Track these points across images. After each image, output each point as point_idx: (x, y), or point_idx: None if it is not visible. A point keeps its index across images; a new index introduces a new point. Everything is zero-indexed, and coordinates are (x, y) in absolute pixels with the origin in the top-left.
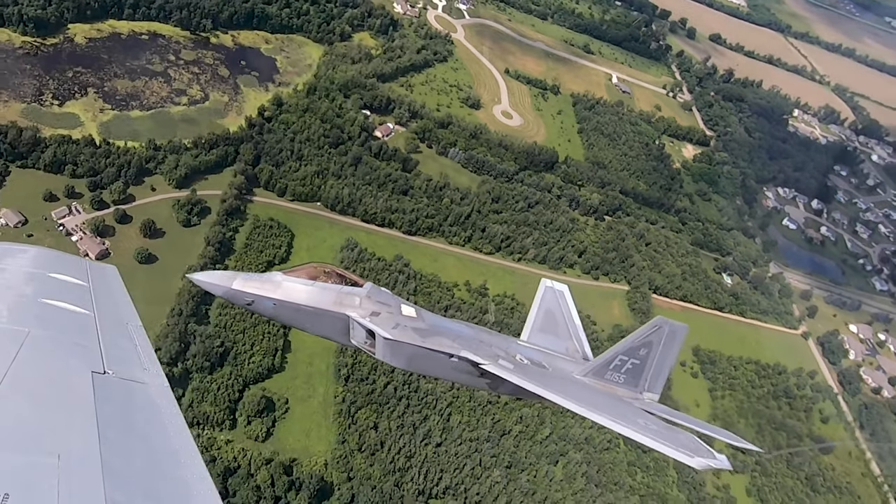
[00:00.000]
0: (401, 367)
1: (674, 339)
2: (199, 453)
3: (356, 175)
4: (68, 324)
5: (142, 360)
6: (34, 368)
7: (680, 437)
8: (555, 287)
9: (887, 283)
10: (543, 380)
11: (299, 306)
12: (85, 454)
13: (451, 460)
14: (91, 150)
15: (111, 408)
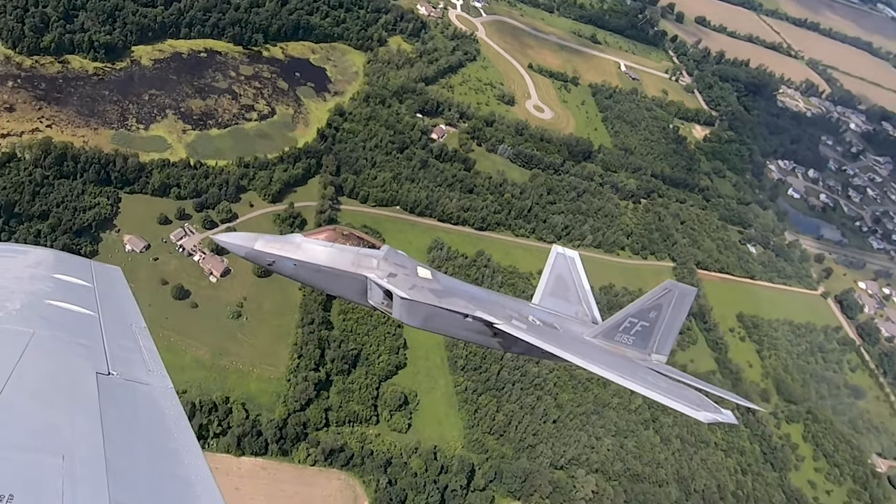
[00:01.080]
0: (416, 326)
1: (683, 301)
2: (203, 454)
3: (427, 178)
4: (73, 325)
5: (146, 361)
6: (38, 369)
7: (687, 393)
8: (566, 253)
9: (882, 242)
10: (555, 339)
11: (319, 267)
12: (89, 455)
13: (569, 433)
14: (191, 171)
15: (115, 409)
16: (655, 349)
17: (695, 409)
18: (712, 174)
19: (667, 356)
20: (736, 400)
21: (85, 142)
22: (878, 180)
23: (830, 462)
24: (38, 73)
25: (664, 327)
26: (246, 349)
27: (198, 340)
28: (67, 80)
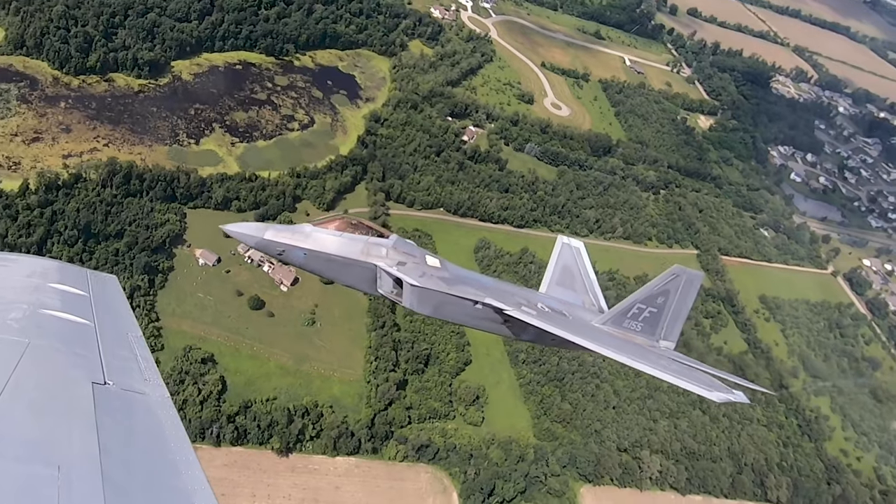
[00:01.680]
0: (426, 314)
1: (690, 287)
2: (200, 465)
3: (466, 179)
4: (68, 334)
5: (142, 370)
6: (34, 379)
7: (699, 375)
8: (571, 244)
9: (880, 220)
10: (565, 324)
11: (328, 256)
12: (85, 465)
13: (629, 417)
14: (248, 184)
15: (111, 419)
16: (664, 335)
17: (707, 390)
18: (721, 163)
19: (675, 343)
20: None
21: (143, 159)
22: (870, 161)
23: (858, 431)
24: (86, 93)
25: (672, 313)
26: (324, 354)
27: (279, 348)
28: (115, 99)
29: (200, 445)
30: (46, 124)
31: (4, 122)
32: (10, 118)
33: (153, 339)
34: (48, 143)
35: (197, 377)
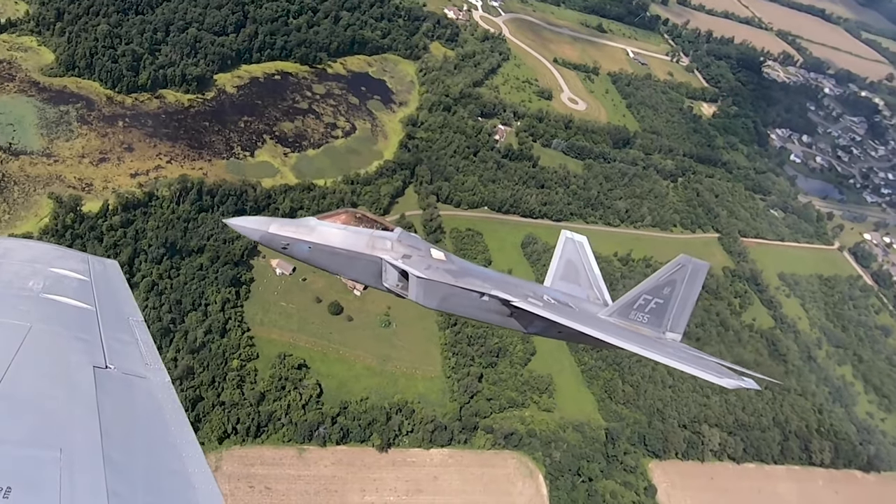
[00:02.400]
0: (433, 307)
1: (696, 277)
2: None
3: (505, 177)
4: (70, 319)
5: (143, 355)
6: (36, 363)
7: (708, 363)
8: (574, 238)
9: (874, 195)
10: (572, 315)
11: (333, 249)
12: (87, 448)
13: (685, 395)
14: (309, 193)
15: (113, 402)
16: (670, 327)
17: (718, 377)
18: (728, 148)
19: (681, 334)
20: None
21: (204, 174)
22: (858, 139)
23: (879, 394)
24: (140, 111)
25: (678, 303)
26: (404, 353)
27: (362, 350)
28: (168, 115)
29: (308, 447)
30: (109, 144)
31: (71, 145)
32: (75, 140)
33: (248, 348)
34: (114, 162)
35: (296, 382)
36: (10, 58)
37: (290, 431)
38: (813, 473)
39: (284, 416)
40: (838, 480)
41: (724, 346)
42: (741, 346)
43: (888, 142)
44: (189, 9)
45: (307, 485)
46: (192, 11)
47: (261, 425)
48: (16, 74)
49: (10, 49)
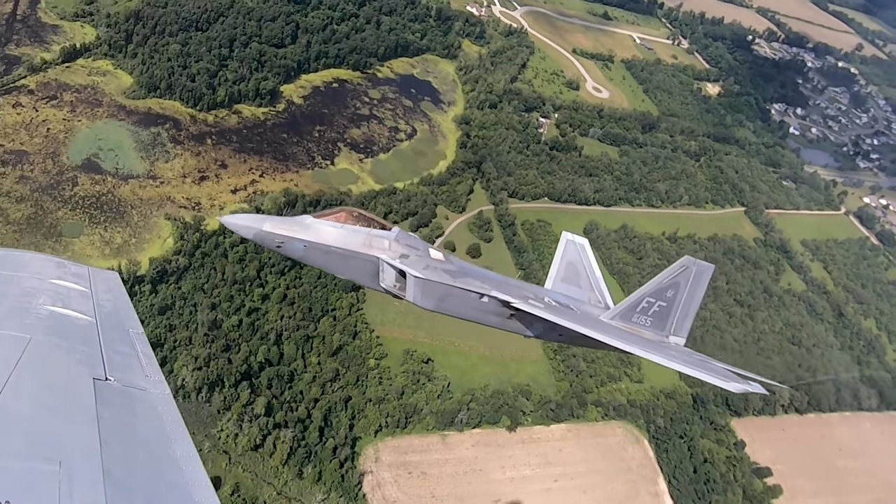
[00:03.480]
0: (430, 308)
1: (700, 279)
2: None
3: (558, 168)
4: (70, 330)
5: (144, 367)
6: (36, 375)
7: (713, 366)
8: (575, 240)
9: (865, 161)
10: (573, 317)
11: (329, 248)
12: (86, 461)
13: (750, 358)
14: (395, 197)
15: (113, 414)
16: (673, 330)
17: (724, 381)
18: (737, 126)
19: (685, 338)
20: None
21: (296, 185)
22: (843, 108)
23: None
24: (223, 127)
25: (682, 306)
26: (508, 341)
27: (474, 341)
28: (249, 130)
29: (449, 432)
30: (205, 162)
31: (170, 165)
32: (173, 160)
33: (378, 347)
34: (213, 180)
35: (428, 375)
36: (91, 83)
37: (432, 420)
38: (861, 418)
39: (425, 406)
40: (884, 422)
41: (773, 311)
42: (786, 309)
43: (869, 109)
44: (245, 23)
45: (455, 467)
46: (249, 25)
47: (407, 417)
48: (102, 99)
49: (89, 74)
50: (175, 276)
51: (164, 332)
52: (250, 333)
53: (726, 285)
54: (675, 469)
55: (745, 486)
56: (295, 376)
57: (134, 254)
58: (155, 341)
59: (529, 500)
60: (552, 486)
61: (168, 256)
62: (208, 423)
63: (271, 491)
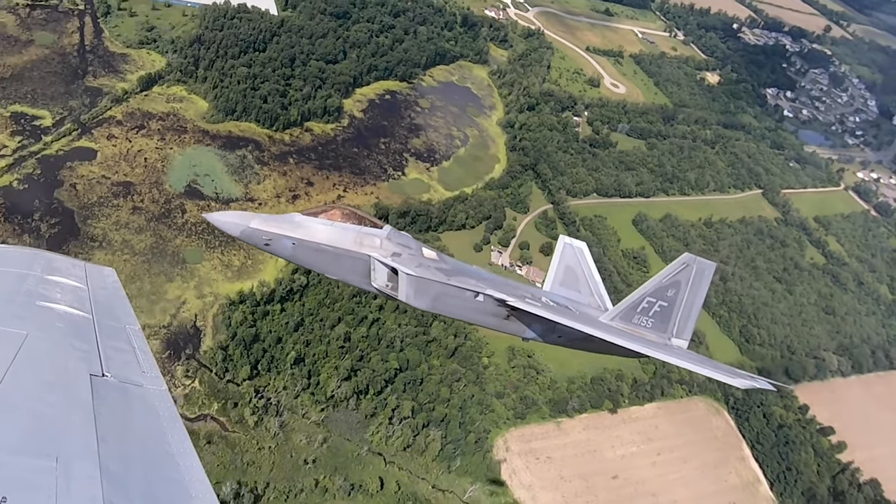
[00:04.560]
0: (424, 307)
1: (702, 277)
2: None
3: (601, 164)
4: (66, 327)
5: (140, 363)
6: (32, 371)
7: (719, 365)
8: (573, 244)
9: (852, 138)
10: (572, 316)
11: (319, 246)
12: (83, 457)
13: (799, 330)
14: (468, 203)
15: (109, 411)
16: (675, 332)
17: (731, 377)
18: (739, 112)
19: (688, 340)
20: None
21: (377, 198)
22: (824, 89)
23: None
24: (299, 145)
25: (684, 306)
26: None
27: None
28: (323, 146)
29: (561, 419)
30: (293, 181)
31: (263, 187)
32: (264, 181)
33: (486, 346)
34: (304, 198)
35: (536, 368)
36: (171, 109)
37: (546, 409)
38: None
39: (539, 397)
40: None
41: (806, 285)
42: (815, 281)
43: (847, 88)
44: (299, 41)
45: (572, 450)
46: (302, 43)
47: (525, 408)
48: (185, 125)
49: (167, 101)
50: (298, 293)
51: (302, 347)
52: (377, 343)
53: (765, 264)
54: (757, 435)
55: (815, 445)
56: (424, 379)
57: (253, 275)
58: (297, 357)
59: (641, 473)
60: (657, 460)
61: (288, 276)
62: (359, 428)
63: (426, 486)
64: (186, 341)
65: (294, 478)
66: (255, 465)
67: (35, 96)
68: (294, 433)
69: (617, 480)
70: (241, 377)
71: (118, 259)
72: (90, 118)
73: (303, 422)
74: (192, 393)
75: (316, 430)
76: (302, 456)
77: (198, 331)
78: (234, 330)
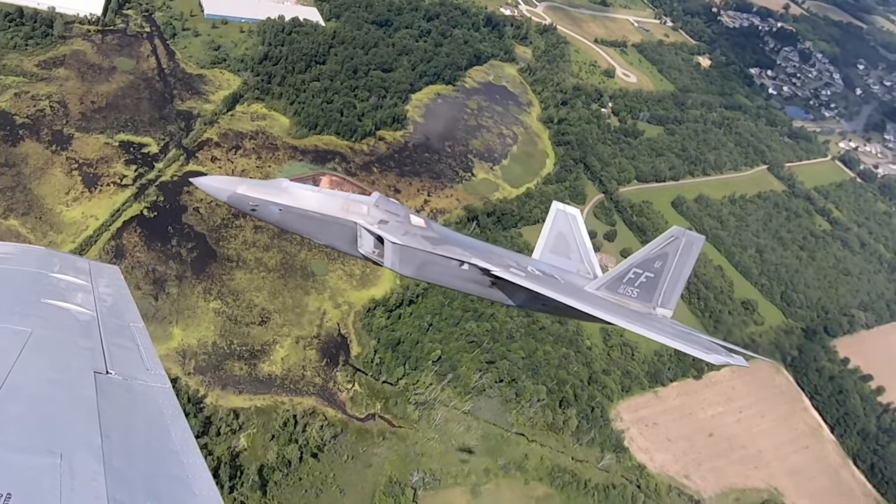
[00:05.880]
0: (408, 275)
1: (690, 250)
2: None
3: (636, 153)
4: (70, 324)
5: (144, 360)
6: (36, 369)
7: (696, 338)
8: (567, 210)
9: (828, 111)
10: (556, 287)
11: (305, 212)
12: (87, 454)
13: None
14: (535, 199)
15: (113, 408)
16: (661, 302)
17: (706, 353)
18: (733, 93)
19: (672, 310)
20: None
21: (457, 200)
22: (796, 66)
23: None
24: (378, 154)
25: (670, 278)
26: None
27: None
28: (397, 153)
29: (657, 388)
30: (382, 189)
31: None
32: None
33: (585, 330)
34: None
35: (631, 346)
36: (258, 128)
37: (645, 381)
38: None
39: (638, 370)
40: None
41: (825, 251)
42: (829, 246)
43: (814, 64)
44: (355, 52)
45: (671, 415)
46: (359, 54)
47: (629, 381)
48: (275, 142)
49: (252, 120)
50: (421, 296)
51: (437, 345)
52: (499, 335)
53: (787, 234)
54: (814, 387)
55: (859, 391)
56: (541, 364)
57: (374, 282)
58: (438, 357)
59: (730, 429)
60: (740, 416)
61: (408, 280)
62: (501, 412)
63: (566, 458)
64: (337, 348)
65: (459, 462)
66: (425, 454)
67: (135, 124)
68: (449, 423)
69: (713, 438)
70: (395, 377)
71: (257, 277)
72: (191, 142)
73: (453, 412)
74: (355, 396)
75: (467, 419)
76: (460, 442)
77: (343, 338)
78: (377, 335)
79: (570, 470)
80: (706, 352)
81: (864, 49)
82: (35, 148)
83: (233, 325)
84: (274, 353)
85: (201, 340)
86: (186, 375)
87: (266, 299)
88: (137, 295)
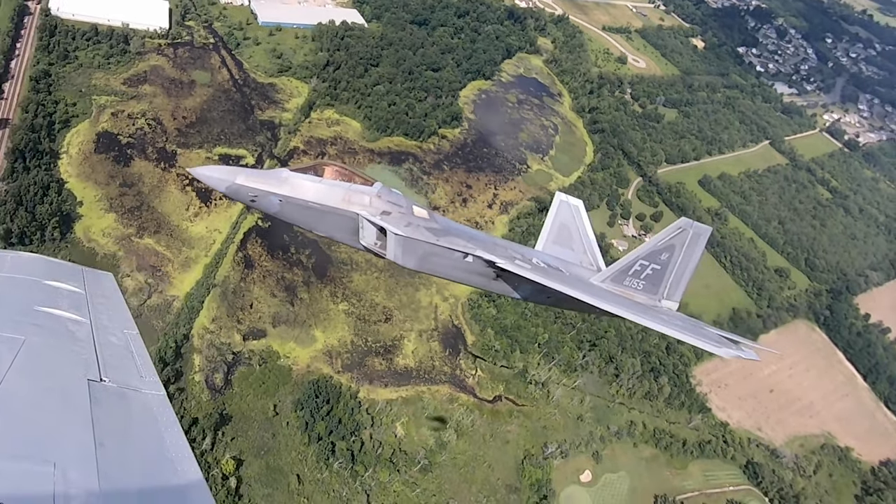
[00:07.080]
0: (412, 267)
1: (697, 242)
2: (196, 461)
3: (664, 137)
4: (64, 331)
5: (138, 367)
6: (30, 376)
7: (704, 331)
8: (570, 201)
9: (809, 84)
10: (561, 279)
11: (306, 203)
12: (81, 462)
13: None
14: (591, 187)
15: (107, 416)
16: (666, 294)
17: (716, 346)
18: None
19: (678, 303)
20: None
21: (521, 192)
22: (775, 42)
23: None
24: (444, 153)
25: (676, 270)
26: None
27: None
28: (459, 150)
29: None
30: (456, 186)
31: (438, 195)
32: (438, 190)
33: None
34: (471, 200)
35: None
36: (335, 133)
37: None
38: None
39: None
40: None
41: (833, 218)
42: (835, 213)
43: (790, 40)
44: (406, 53)
45: (735, 376)
46: (409, 55)
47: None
48: (353, 146)
49: (328, 126)
50: None
51: (541, 329)
52: (588, 316)
53: (800, 204)
54: (846, 342)
55: (882, 343)
56: (626, 339)
57: None
58: (545, 340)
59: (785, 385)
60: (791, 372)
61: None
62: (601, 385)
63: (662, 421)
64: (454, 339)
65: (578, 433)
66: (551, 428)
67: (227, 136)
68: (563, 399)
69: (774, 394)
70: (511, 361)
71: (371, 277)
72: (280, 151)
73: (563, 388)
74: (480, 381)
75: (576, 394)
76: (576, 415)
77: (457, 328)
78: (487, 323)
79: (669, 432)
80: (716, 345)
81: (828, 23)
82: (146, 167)
83: (364, 324)
84: (404, 346)
85: (341, 340)
86: (337, 374)
87: (384, 298)
88: (275, 302)
